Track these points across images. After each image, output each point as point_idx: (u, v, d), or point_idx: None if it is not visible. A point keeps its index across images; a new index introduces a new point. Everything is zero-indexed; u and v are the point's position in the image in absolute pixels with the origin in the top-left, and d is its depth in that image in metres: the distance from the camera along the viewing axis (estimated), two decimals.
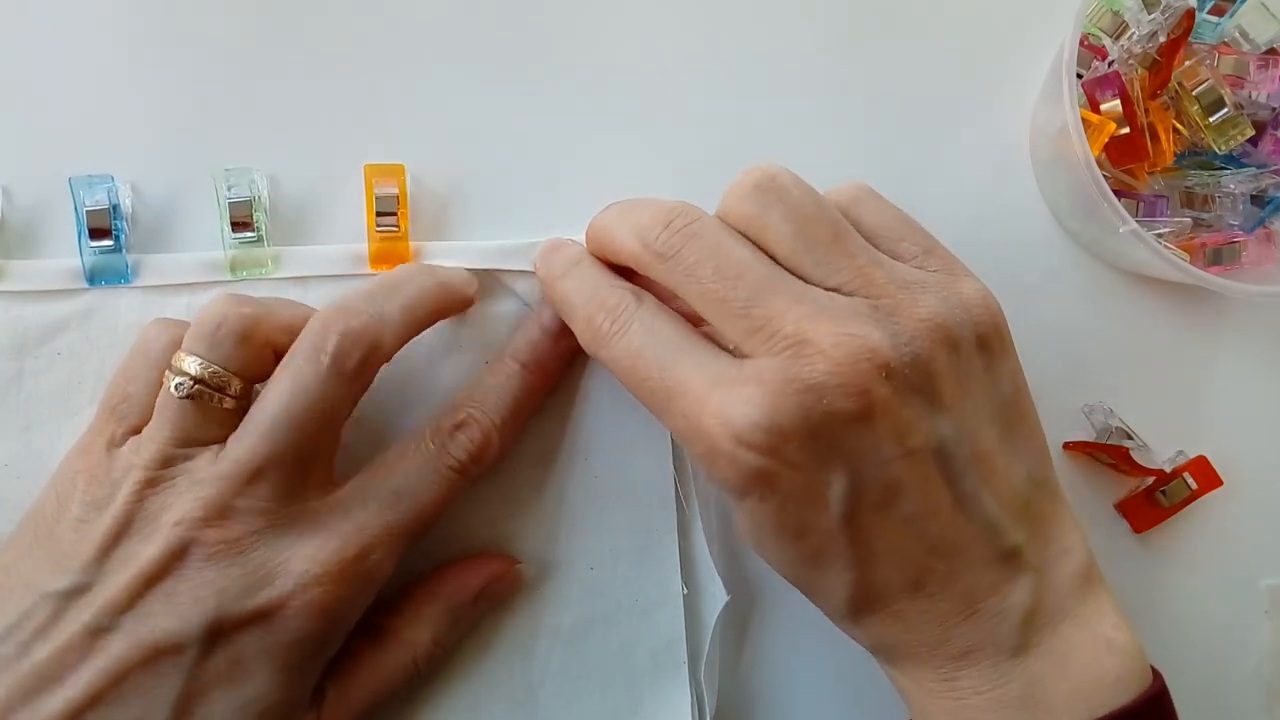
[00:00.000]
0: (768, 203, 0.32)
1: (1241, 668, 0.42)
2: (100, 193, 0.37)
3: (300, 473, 0.32)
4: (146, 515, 0.31)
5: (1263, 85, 0.41)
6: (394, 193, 0.38)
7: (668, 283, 0.32)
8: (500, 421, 0.35)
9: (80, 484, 0.32)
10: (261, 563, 0.31)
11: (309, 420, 0.32)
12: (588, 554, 0.39)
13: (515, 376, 0.36)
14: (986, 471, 0.32)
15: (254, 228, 0.38)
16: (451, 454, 0.35)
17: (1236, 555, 0.43)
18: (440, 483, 0.34)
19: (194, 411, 0.32)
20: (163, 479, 0.32)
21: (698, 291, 0.31)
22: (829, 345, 0.29)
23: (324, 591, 0.32)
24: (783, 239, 0.32)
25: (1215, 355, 0.43)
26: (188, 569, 0.31)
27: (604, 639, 0.38)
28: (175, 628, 0.30)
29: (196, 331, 0.33)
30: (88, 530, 0.32)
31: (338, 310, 0.33)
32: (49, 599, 0.31)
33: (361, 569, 0.32)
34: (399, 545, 0.34)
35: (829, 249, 0.31)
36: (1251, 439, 0.43)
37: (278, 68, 0.40)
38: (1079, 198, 0.40)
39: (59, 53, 0.39)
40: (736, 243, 0.32)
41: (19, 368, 0.37)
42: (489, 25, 0.41)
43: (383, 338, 0.33)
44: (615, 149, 0.41)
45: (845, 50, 0.43)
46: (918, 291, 0.31)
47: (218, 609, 0.31)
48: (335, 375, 0.32)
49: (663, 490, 0.39)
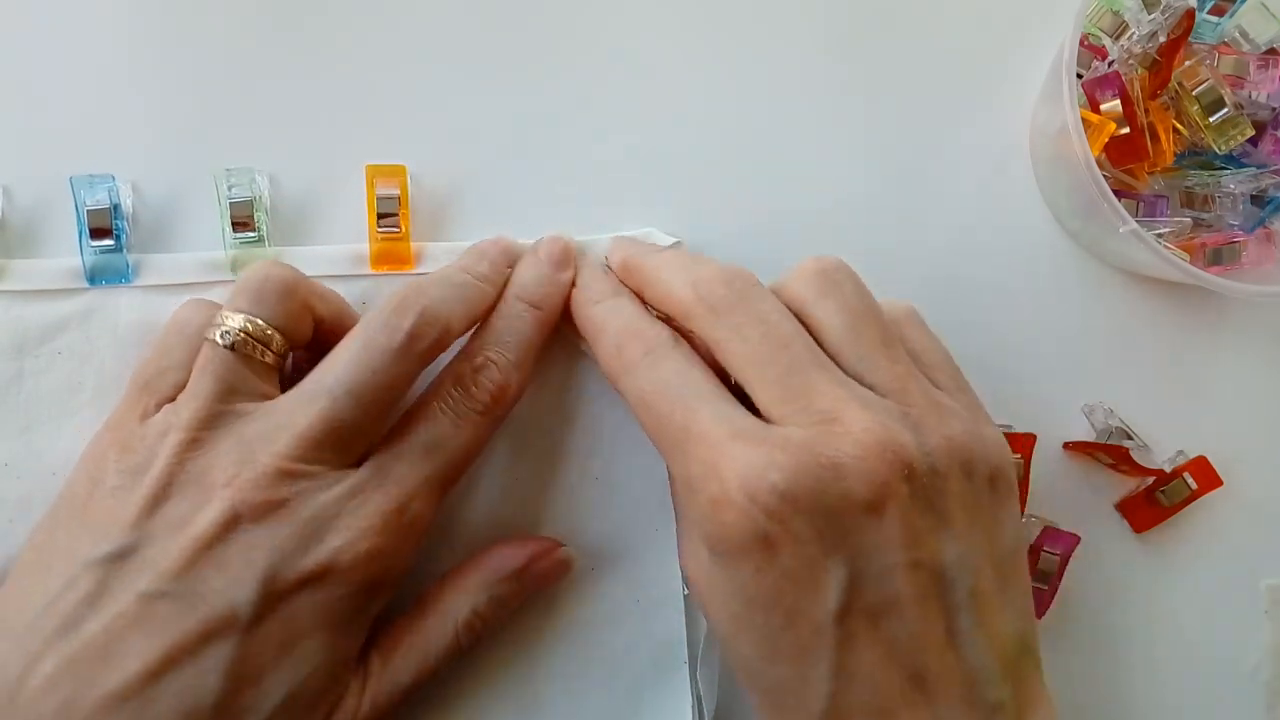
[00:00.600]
0: (826, 290, 0.33)
1: (1241, 668, 0.42)
2: (101, 192, 0.37)
3: (354, 442, 0.33)
4: (190, 476, 0.31)
5: (1263, 85, 0.41)
6: (395, 193, 0.38)
7: (710, 336, 0.33)
8: (516, 359, 0.36)
9: (113, 455, 0.32)
10: (308, 521, 0.31)
11: (377, 392, 0.33)
12: (588, 554, 0.39)
13: (523, 315, 0.37)
14: (983, 613, 0.31)
15: (255, 228, 0.38)
16: (475, 397, 0.35)
17: (1236, 555, 0.42)
18: (468, 428, 0.35)
19: (237, 364, 0.33)
20: (205, 439, 0.32)
21: (740, 350, 0.32)
22: (858, 429, 0.30)
23: (371, 544, 0.32)
24: (833, 327, 0.33)
25: (1215, 355, 0.43)
26: (239, 532, 0.31)
27: (604, 639, 0.38)
28: (230, 592, 0.30)
29: (240, 288, 0.33)
30: (127, 495, 0.31)
31: (413, 290, 0.34)
32: (93, 566, 0.30)
33: (404, 520, 0.33)
34: (436, 493, 0.34)
35: (874, 348, 0.32)
36: (1251, 439, 0.43)
37: (278, 68, 0.40)
38: (1079, 198, 0.40)
39: (60, 52, 0.39)
40: (788, 318, 0.33)
41: (19, 367, 0.37)
42: (489, 25, 0.41)
43: (452, 324, 0.34)
44: (615, 149, 0.41)
45: (845, 50, 0.43)
46: (946, 414, 0.32)
47: (270, 570, 0.31)
48: (407, 352, 0.33)
49: (663, 490, 0.39)
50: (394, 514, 0.32)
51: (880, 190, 0.43)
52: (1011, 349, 0.42)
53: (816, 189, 0.42)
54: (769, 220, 0.42)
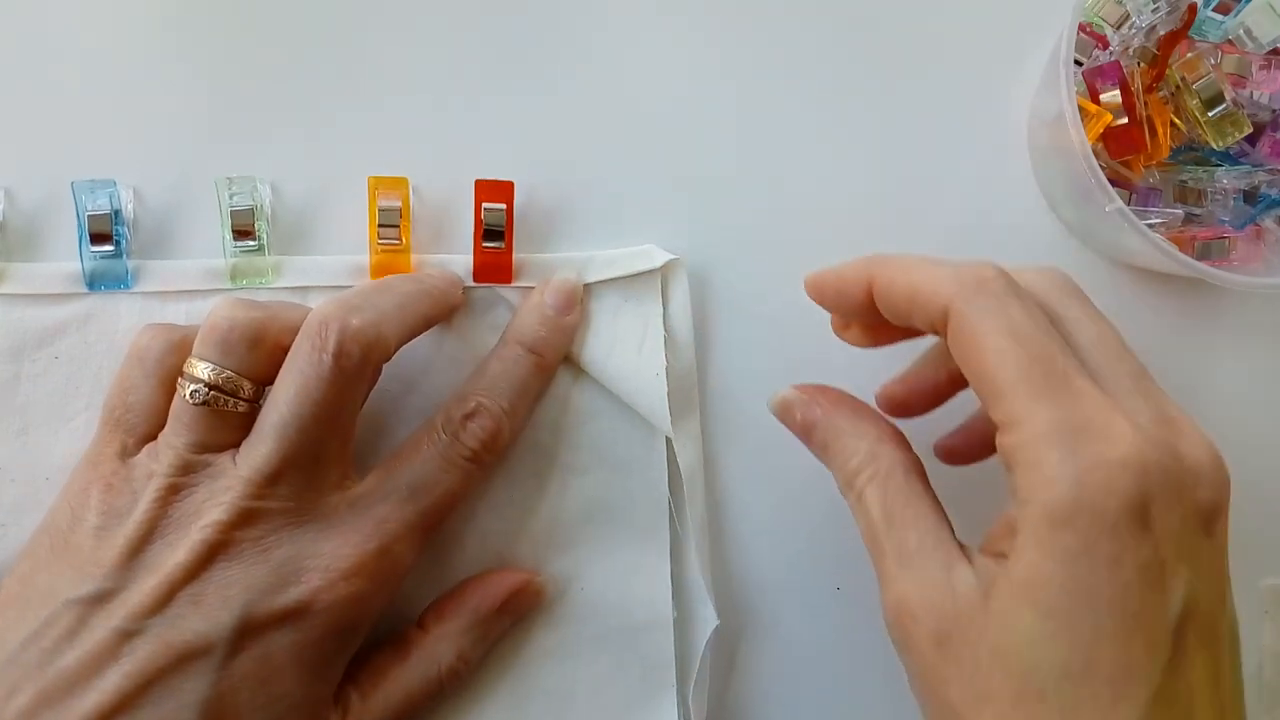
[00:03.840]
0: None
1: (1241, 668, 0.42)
2: (102, 198, 0.37)
3: (317, 470, 0.33)
4: (171, 521, 0.32)
5: (1264, 85, 0.41)
6: (397, 205, 0.38)
7: (1062, 316, 0.31)
8: (510, 406, 0.36)
9: (95, 493, 0.32)
10: (286, 560, 0.32)
11: (318, 420, 0.32)
12: (579, 574, 0.39)
13: (521, 360, 0.37)
14: (1240, 686, 0.30)
15: (255, 236, 0.38)
16: (464, 443, 0.35)
17: (1236, 555, 0.42)
18: (455, 473, 0.35)
19: (209, 417, 0.33)
20: (184, 485, 0.32)
21: (1098, 334, 0.30)
22: (1202, 440, 0.29)
23: (349, 586, 0.32)
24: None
25: (1213, 352, 0.43)
26: (214, 571, 0.31)
27: (593, 659, 0.38)
28: (204, 629, 0.31)
29: (206, 337, 0.33)
30: (109, 537, 0.32)
31: (335, 307, 0.33)
32: (72, 606, 0.31)
33: (384, 563, 0.33)
34: (419, 537, 0.34)
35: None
36: (1251, 439, 0.43)
37: (284, 76, 0.40)
38: (1074, 186, 0.40)
39: (67, 56, 0.39)
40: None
41: (16, 371, 0.37)
42: (495, 40, 0.41)
43: (382, 332, 0.33)
44: (616, 164, 0.41)
45: (844, 36, 0.43)
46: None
47: (245, 608, 0.31)
48: (338, 373, 0.32)
49: (656, 512, 0.39)
50: (374, 556, 0.33)
51: (878, 178, 0.43)
52: None
53: (813, 180, 0.42)
54: (768, 215, 0.42)
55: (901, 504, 0.31)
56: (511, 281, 0.39)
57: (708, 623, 0.39)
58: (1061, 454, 0.27)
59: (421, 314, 0.36)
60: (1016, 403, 0.28)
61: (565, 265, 0.39)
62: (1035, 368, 0.28)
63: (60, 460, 0.37)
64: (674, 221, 0.41)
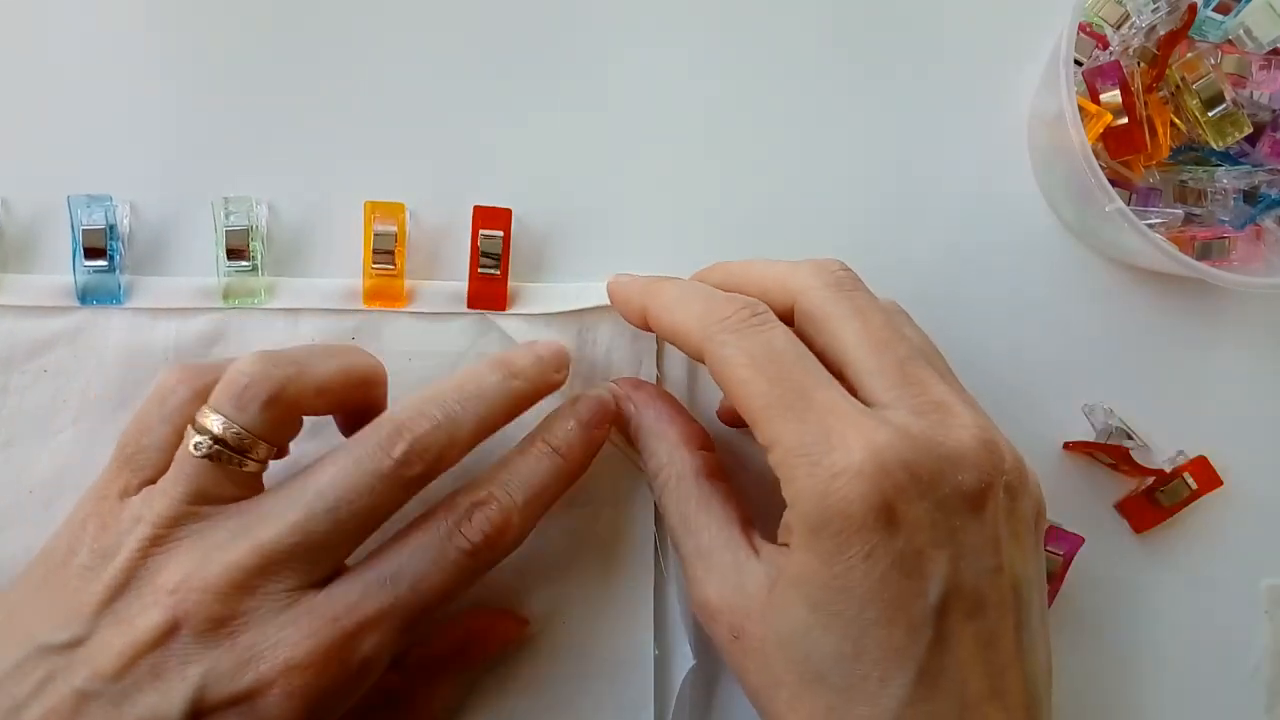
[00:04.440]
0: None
1: (1241, 668, 0.42)
2: (98, 213, 0.37)
3: (321, 561, 0.31)
4: (147, 573, 0.30)
5: (1264, 85, 0.41)
6: (393, 231, 0.38)
7: (830, 311, 0.32)
8: (524, 503, 0.33)
9: (90, 529, 0.31)
10: (249, 645, 0.30)
11: (354, 515, 0.31)
12: (562, 608, 0.38)
13: (546, 458, 0.34)
14: (1037, 633, 0.31)
15: (249, 256, 0.37)
16: (464, 534, 0.32)
17: (1236, 555, 0.43)
18: (447, 566, 0.32)
19: (212, 471, 0.31)
20: (170, 537, 0.31)
21: (862, 329, 0.32)
22: (972, 425, 0.30)
23: (305, 681, 0.30)
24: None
25: (1213, 353, 0.43)
26: (178, 641, 0.29)
27: (573, 694, 0.38)
28: (159, 705, 0.29)
29: (223, 390, 0.31)
30: (91, 580, 0.30)
31: (415, 414, 0.32)
32: (45, 653, 0.30)
33: (349, 657, 0.30)
34: (394, 633, 0.31)
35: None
36: (1251, 439, 0.43)
37: (285, 98, 0.40)
38: (1074, 185, 0.40)
39: (69, 70, 0.39)
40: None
41: (4, 382, 0.37)
42: (494, 67, 0.41)
43: (450, 453, 0.32)
44: (613, 192, 0.41)
45: (845, 34, 0.43)
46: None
47: (201, 689, 0.29)
48: (393, 480, 0.31)
49: (643, 549, 0.39)
50: (337, 649, 0.30)
51: (878, 179, 0.43)
52: (1008, 344, 0.42)
53: (813, 178, 0.42)
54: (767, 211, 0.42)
55: (694, 508, 0.34)
56: (506, 309, 0.39)
57: (685, 661, 0.38)
58: (807, 468, 0.29)
59: (502, 417, 0.34)
60: (768, 426, 0.30)
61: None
62: (774, 392, 0.30)
63: (45, 474, 0.36)
64: (672, 251, 0.41)
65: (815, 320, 0.33)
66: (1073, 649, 0.41)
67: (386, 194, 0.38)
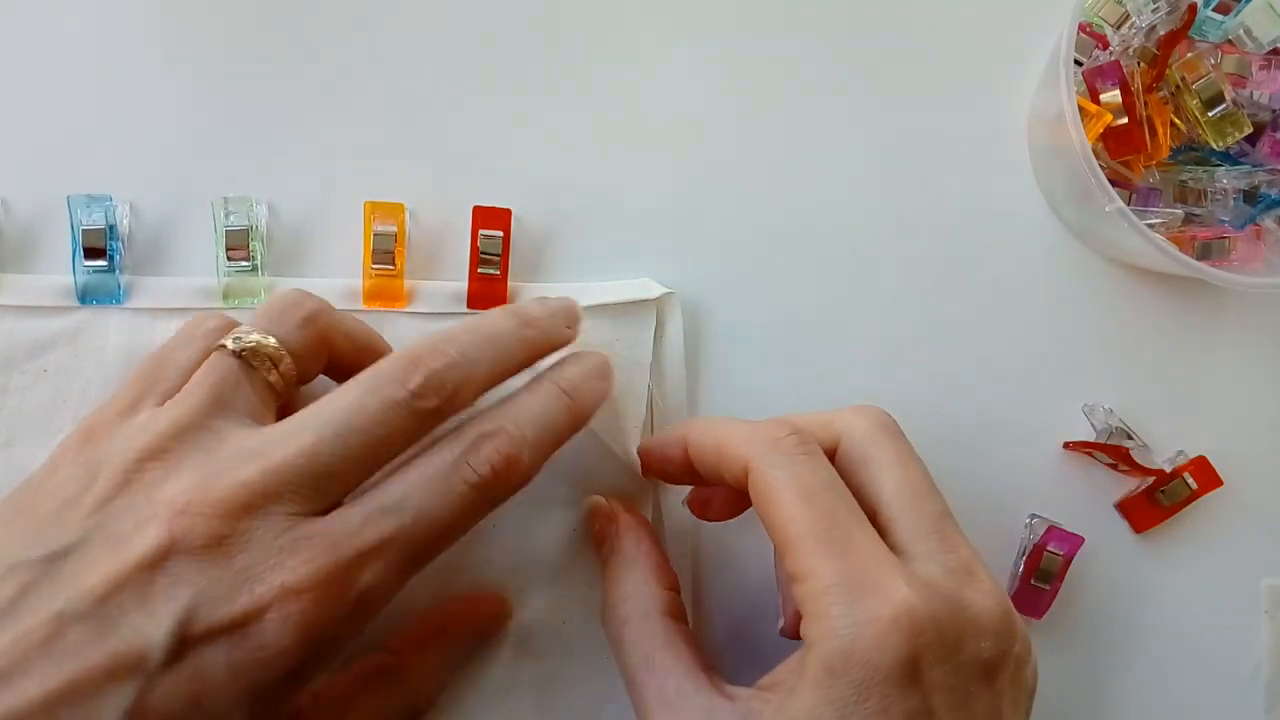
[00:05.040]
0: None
1: (1241, 668, 0.42)
2: (98, 212, 0.37)
3: (328, 488, 0.29)
4: (144, 484, 0.29)
5: (1264, 85, 0.41)
6: (393, 231, 0.38)
7: (873, 455, 0.32)
8: (534, 439, 0.32)
9: (74, 441, 0.30)
10: (245, 566, 0.28)
11: (364, 444, 0.30)
12: (561, 608, 0.38)
13: (556, 398, 0.33)
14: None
15: (250, 256, 0.37)
16: (471, 466, 0.31)
17: (1236, 555, 0.43)
18: (452, 498, 0.30)
19: (239, 376, 0.31)
20: (172, 451, 0.29)
21: (902, 476, 0.32)
22: (993, 591, 0.30)
23: (303, 607, 0.28)
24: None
25: (1214, 353, 0.43)
26: (171, 563, 0.27)
27: (572, 694, 0.38)
28: (144, 629, 0.27)
29: (263, 310, 0.32)
30: (77, 493, 0.29)
31: (430, 350, 0.31)
32: (19, 569, 0.27)
33: (349, 587, 0.29)
34: (397, 565, 0.29)
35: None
36: (1251, 439, 0.43)
37: (284, 98, 0.40)
38: (1074, 185, 0.40)
39: (69, 69, 0.39)
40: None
41: (4, 383, 0.37)
42: (494, 67, 0.41)
43: (464, 392, 0.31)
44: (612, 192, 0.41)
45: (845, 34, 0.43)
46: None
47: (189, 611, 0.27)
48: (406, 410, 0.30)
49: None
50: (335, 576, 0.28)
51: (878, 179, 0.43)
52: (1008, 343, 0.42)
53: (812, 179, 0.42)
54: (767, 211, 0.42)
55: (658, 646, 0.32)
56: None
57: None
58: (842, 608, 0.29)
59: (515, 363, 0.33)
60: (804, 557, 0.30)
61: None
62: (819, 524, 0.30)
63: None
64: (671, 251, 0.41)
65: (858, 460, 0.33)
66: (1073, 649, 0.41)
67: (386, 194, 0.38)
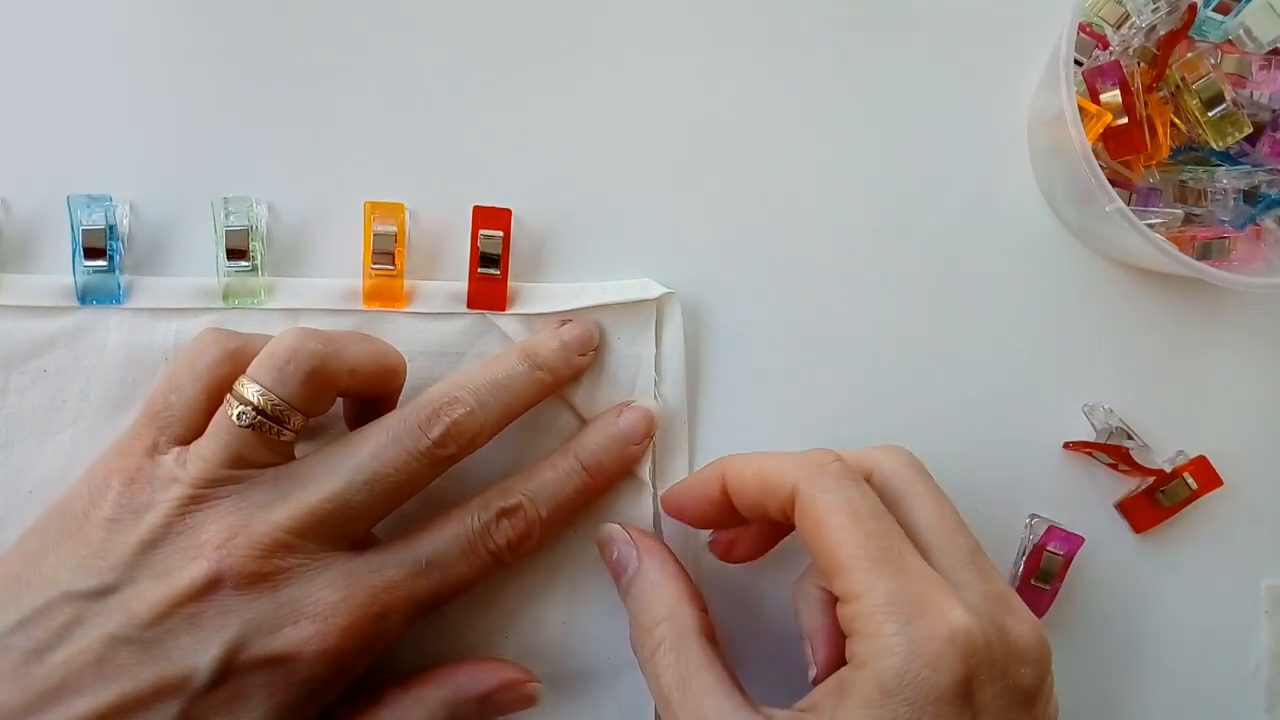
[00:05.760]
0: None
1: (1241, 668, 0.42)
2: (97, 212, 0.37)
3: (354, 527, 0.33)
4: (186, 529, 0.31)
5: (1264, 85, 0.41)
6: (393, 231, 0.38)
7: (915, 490, 0.33)
8: (547, 516, 0.36)
9: (116, 484, 0.32)
10: (288, 601, 0.32)
11: (388, 488, 0.33)
12: (563, 610, 0.38)
13: (574, 475, 0.37)
14: None
15: (249, 257, 0.37)
16: (493, 538, 0.35)
17: (1236, 555, 0.43)
18: (475, 561, 0.34)
19: (250, 439, 0.32)
20: (208, 497, 0.32)
21: (936, 508, 0.33)
22: (1029, 619, 0.31)
23: (339, 643, 0.32)
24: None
25: (1214, 353, 0.43)
26: (219, 595, 0.31)
27: (572, 696, 0.38)
28: (192, 654, 0.30)
29: (265, 362, 0.33)
30: (121, 532, 0.31)
31: (449, 399, 0.34)
32: (72, 599, 0.31)
33: (378, 628, 0.33)
34: (417, 612, 0.34)
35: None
36: (1251, 439, 0.43)
37: (284, 98, 0.40)
38: (1074, 185, 0.40)
39: (69, 70, 0.39)
40: None
41: (4, 383, 0.37)
42: (494, 67, 0.41)
43: (479, 438, 0.34)
44: (612, 193, 0.41)
45: (844, 34, 0.43)
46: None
47: (238, 640, 0.31)
48: (428, 459, 0.33)
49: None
50: (371, 620, 0.32)
51: (878, 179, 0.42)
52: (1008, 343, 0.42)
53: (813, 179, 0.42)
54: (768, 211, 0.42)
55: (694, 669, 0.32)
56: (506, 309, 0.39)
57: None
58: (897, 625, 0.29)
59: (528, 402, 0.36)
60: (856, 577, 0.30)
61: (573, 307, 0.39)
62: (872, 544, 0.30)
63: (44, 474, 0.36)
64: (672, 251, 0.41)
65: (892, 494, 0.33)
66: (1073, 649, 0.41)
67: (386, 194, 0.38)
